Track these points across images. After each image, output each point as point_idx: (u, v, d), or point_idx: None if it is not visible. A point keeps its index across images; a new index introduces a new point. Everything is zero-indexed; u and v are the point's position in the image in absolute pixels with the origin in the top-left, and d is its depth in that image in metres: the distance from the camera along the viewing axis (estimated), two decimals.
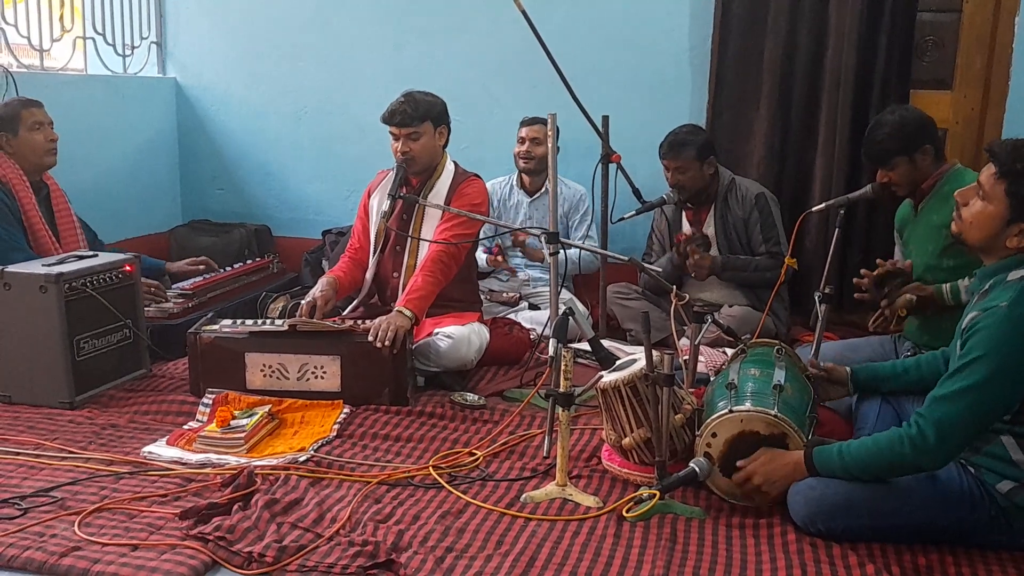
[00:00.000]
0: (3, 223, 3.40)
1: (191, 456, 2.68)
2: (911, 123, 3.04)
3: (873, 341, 3.27)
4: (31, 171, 3.56)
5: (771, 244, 3.87)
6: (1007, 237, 2.16)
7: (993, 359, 2.04)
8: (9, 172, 3.48)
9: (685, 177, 3.85)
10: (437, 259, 3.35)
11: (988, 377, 2.04)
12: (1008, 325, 2.04)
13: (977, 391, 2.05)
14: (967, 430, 2.10)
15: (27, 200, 3.50)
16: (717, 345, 3.57)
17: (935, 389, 2.14)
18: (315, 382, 3.10)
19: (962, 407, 2.07)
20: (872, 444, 2.19)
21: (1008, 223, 2.15)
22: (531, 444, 2.83)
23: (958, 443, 2.12)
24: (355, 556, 2.11)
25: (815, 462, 2.25)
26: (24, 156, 3.54)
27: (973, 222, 2.21)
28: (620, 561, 2.14)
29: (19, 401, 3.11)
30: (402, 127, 3.35)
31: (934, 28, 4.16)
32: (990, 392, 2.06)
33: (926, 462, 2.13)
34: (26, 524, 2.24)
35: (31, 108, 3.58)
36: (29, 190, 3.52)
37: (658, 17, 4.35)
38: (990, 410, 2.09)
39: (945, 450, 2.10)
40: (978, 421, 2.09)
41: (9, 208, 3.45)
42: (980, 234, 2.21)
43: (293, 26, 4.91)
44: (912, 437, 2.11)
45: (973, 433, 2.12)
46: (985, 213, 2.18)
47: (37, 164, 3.58)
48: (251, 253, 4.83)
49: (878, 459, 2.16)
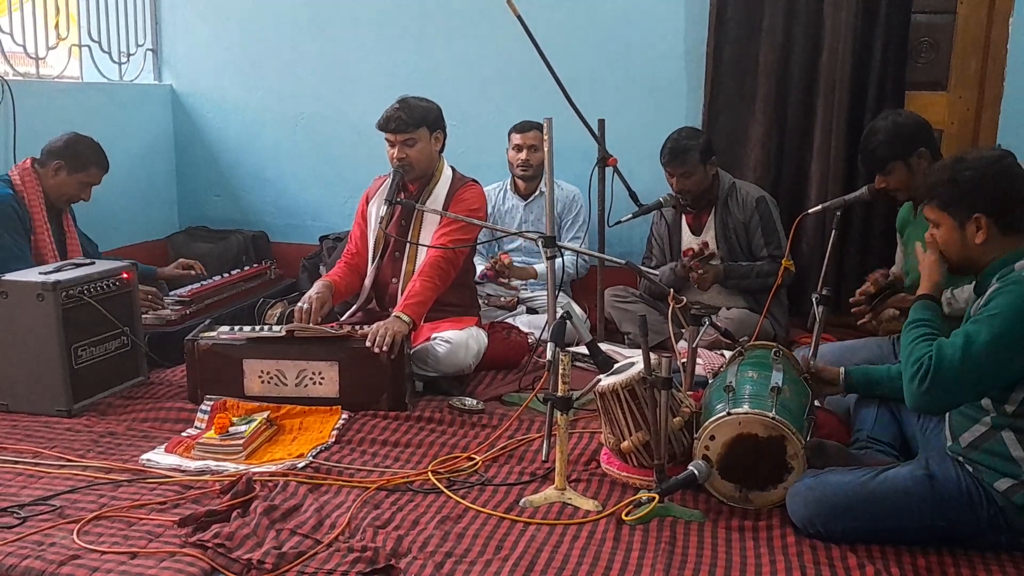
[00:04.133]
0: (11, 231, 3.45)
1: (189, 463, 2.68)
2: (905, 128, 3.04)
3: (871, 343, 3.27)
4: (49, 202, 3.67)
5: (772, 248, 3.87)
6: (973, 239, 2.21)
7: (1002, 321, 2.04)
8: (29, 188, 3.59)
9: (690, 182, 3.85)
10: (435, 264, 3.36)
11: (993, 337, 2.04)
12: None
13: (980, 347, 2.05)
14: (960, 385, 2.08)
15: (38, 216, 3.59)
16: (715, 348, 3.57)
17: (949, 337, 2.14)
18: (313, 388, 3.10)
19: (963, 360, 2.05)
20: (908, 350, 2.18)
21: (963, 228, 2.22)
22: (530, 448, 2.83)
23: (948, 396, 2.11)
24: (354, 562, 2.11)
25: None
26: (53, 189, 3.65)
27: (946, 248, 2.29)
28: (620, 565, 2.14)
29: (17, 409, 3.10)
30: (397, 133, 3.36)
31: (929, 30, 4.16)
32: (991, 351, 2.04)
33: (913, 399, 2.13)
34: (25, 533, 2.24)
35: (98, 171, 3.73)
36: (43, 208, 3.61)
37: (654, 21, 4.36)
38: (987, 371, 2.06)
39: (933, 398, 2.10)
40: (973, 378, 2.07)
41: (19, 217, 3.51)
42: (955, 253, 2.28)
43: (289, 32, 4.91)
44: (942, 345, 2.10)
45: (964, 392, 2.11)
46: (945, 236, 2.28)
47: (55, 201, 3.69)
48: (248, 259, 4.83)
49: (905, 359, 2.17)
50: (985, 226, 2.19)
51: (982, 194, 2.19)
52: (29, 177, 3.60)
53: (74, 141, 3.68)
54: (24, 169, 3.62)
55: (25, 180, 3.59)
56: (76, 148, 3.66)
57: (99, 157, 3.73)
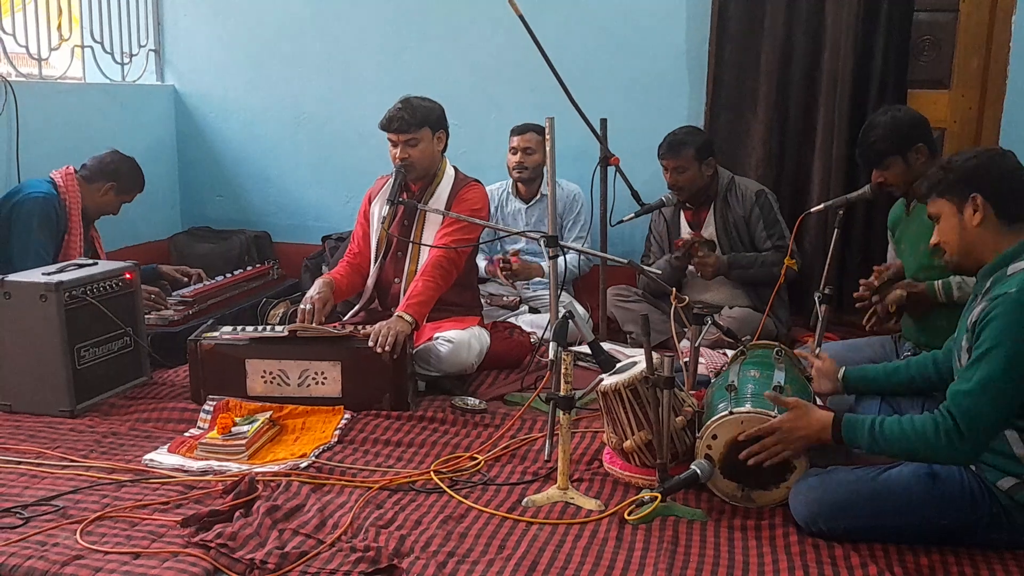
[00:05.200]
0: (44, 229, 3.61)
1: (192, 463, 2.68)
2: (904, 122, 3.05)
3: (874, 342, 3.27)
4: (85, 211, 3.82)
5: (775, 238, 3.87)
6: (971, 223, 2.22)
7: (1008, 346, 2.04)
8: (72, 194, 3.76)
9: (683, 177, 3.85)
10: (437, 264, 3.36)
11: (1006, 366, 2.04)
12: (1019, 310, 2.04)
13: (998, 381, 2.05)
14: (994, 422, 2.08)
15: (75, 221, 3.75)
16: (717, 347, 3.57)
17: (955, 383, 2.13)
18: (316, 388, 3.11)
19: (987, 400, 2.05)
20: (909, 427, 2.14)
21: (961, 213, 2.24)
22: (532, 448, 2.83)
23: (988, 435, 2.10)
24: (357, 562, 2.11)
25: (843, 429, 2.23)
26: (93, 203, 3.85)
27: (946, 239, 2.30)
28: (622, 564, 2.14)
29: (20, 410, 3.11)
30: (400, 133, 3.36)
31: (931, 28, 4.16)
32: (1011, 380, 2.05)
33: (959, 457, 2.12)
34: (28, 533, 2.24)
35: (139, 193, 4.00)
36: (80, 215, 3.77)
37: (655, 20, 4.36)
38: (1013, 398, 2.07)
39: (976, 444, 2.09)
40: (1004, 411, 2.08)
41: (57, 219, 3.68)
42: (955, 244, 2.28)
43: (291, 32, 4.91)
44: (948, 430, 2.08)
45: (1001, 424, 2.11)
46: (944, 226, 2.30)
47: (90, 213, 3.87)
48: (251, 259, 4.83)
49: (911, 444, 2.13)
50: (982, 207, 2.20)
51: (979, 175, 2.22)
52: (72, 184, 3.77)
53: (123, 163, 3.91)
54: (68, 175, 3.78)
55: (68, 186, 3.75)
56: (125, 171, 3.89)
57: (143, 181, 4.00)
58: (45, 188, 3.69)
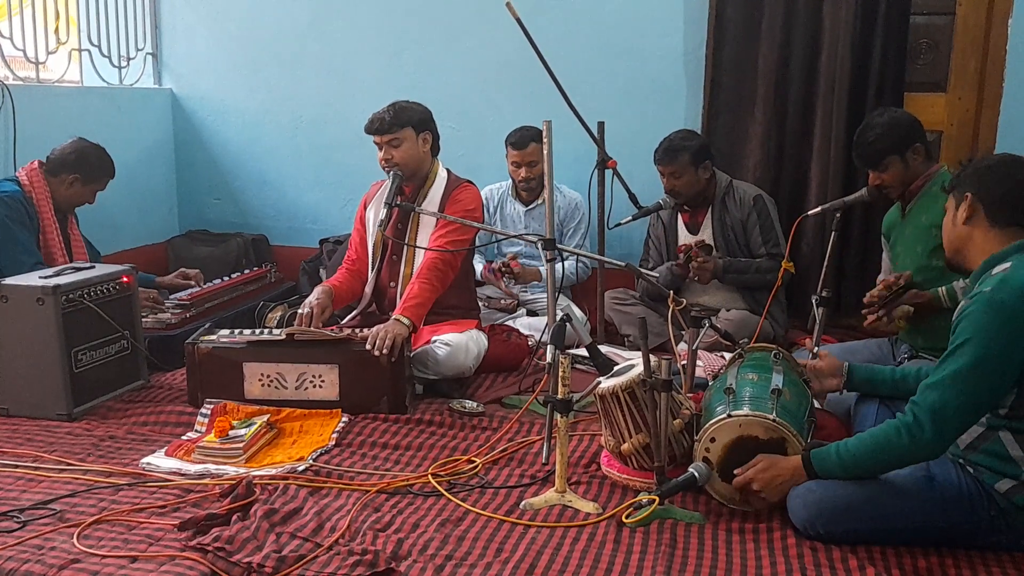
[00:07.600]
0: (22, 227, 3.52)
1: (190, 467, 2.68)
2: (902, 123, 3.06)
3: (871, 344, 3.27)
4: (57, 205, 3.74)
5: (771, 246, 3.87)
6: (959, 220, 2.26)
7: (978, 343, 2.06)
8: (38, 189, 3.65)
9: (680, 182, 3.85)
10: (433, 267, 3.36)
11: (975, 362, 2.06)
12: (990, 309, 2.06)
13: (966, 376, 2.07)
14: (961, 416, 2.10)
15: (47, 216, 3.66)
16: (715, 349, 3.57)
17: (927, 378, 2.16)
18: (313, 391, 3.10)
19: (953, 393, 2.08)
20: (869, 439, 2.19)
21: (956, 209, 2.29)
22: (530, 451, 2.83)
23: (954, 429, 2.12)
24: (355, 565, 2.11)
25: (814, 464, 2.25)
26: (62, 196, 3.74)
27: (943, 234, 2.35)
28: (620, 567, 2.14)
29: (17, 413, 3.10)
30: (381, 134, 3.39)
31: (928, 31, 4.16)
32: (979, 376, 2.06)
33: (923, 451, 2.14)
34: (25, 537, 2.24)
35: (108, 180, 3.87)
36: (51, 210, 3.68)
37: (652, 23, 4.36)
38: (981, 395, 2.08)
39: (941, 438, 2.11)
40: (971, 406, 2.09)
41: (28, 215, 3.58)
42: (947, 240, 2.33)
43: (289, 35, 4.91)
44: (908, 426, 2.11)
45: (967, 419, 2.12)
46: (944, 219, 2.35)
47: (63, 206, 3.76)
48: (248, 262, 4.83)
49: (876, 453, 2.17)
50: (971, 205, 2.23)
51: (982, 177, 2.25)
52: (38, 179, 3.66)
53: (84, 151, 3.76)
54: (32, 171, 3.68)
55: (34, 182, 3.65)
56: (88, 160, 3.76)
57: (110, 167, 3.84)
58: (9, 187, 3.59)
